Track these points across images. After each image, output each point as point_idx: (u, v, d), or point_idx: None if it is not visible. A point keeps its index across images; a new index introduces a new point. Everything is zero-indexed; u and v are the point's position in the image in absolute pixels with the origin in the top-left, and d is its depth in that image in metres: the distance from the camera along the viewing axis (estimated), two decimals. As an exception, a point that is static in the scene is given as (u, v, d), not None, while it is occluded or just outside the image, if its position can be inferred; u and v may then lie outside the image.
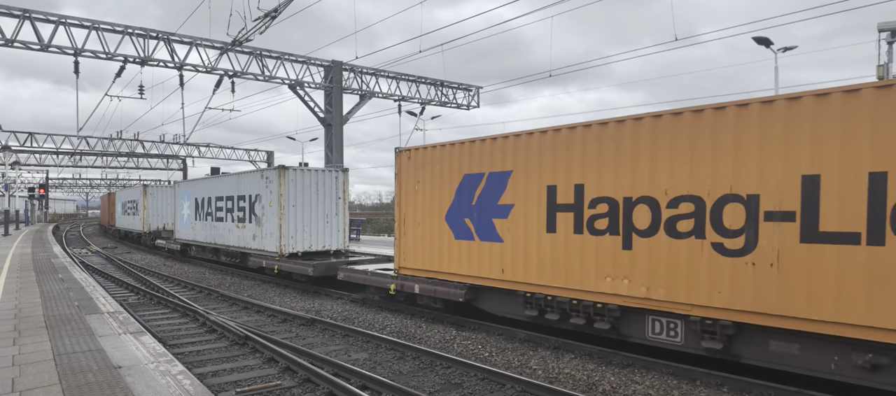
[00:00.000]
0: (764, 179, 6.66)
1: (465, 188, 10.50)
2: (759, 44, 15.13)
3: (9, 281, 12.50)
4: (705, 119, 7.13)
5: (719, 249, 7.04)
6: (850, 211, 6.09)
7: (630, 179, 7.91)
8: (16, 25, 18.57)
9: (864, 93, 5.95)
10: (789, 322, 6.50)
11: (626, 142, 7.97)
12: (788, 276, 6.49)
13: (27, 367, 5.82)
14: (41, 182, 61.42)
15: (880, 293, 5.89)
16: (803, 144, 6.37)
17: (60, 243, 31.14)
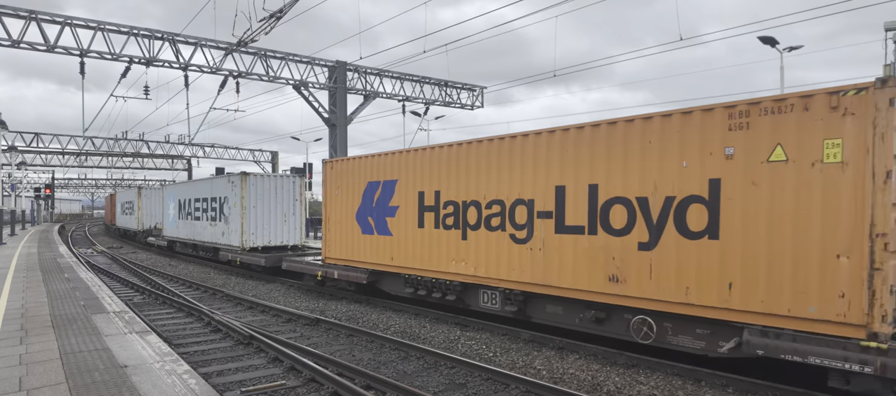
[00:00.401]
0: (536, 188, 9.28)
1: (368, 193, 13.04)
2: (765, 43, 15.07)
3: (15, 281, 12.57)
4: (505, 144, 9.87)
5: (513, 239, 9.64)
6: (579, 211, 8.65)
7: (465, 187, 10.56)
8: (22, 26, 18.67)
9: (584, 129, 8.60)
10: (551, 289, 9.07)
11: (463, 159, 10.59)
12: (549, 257, 9.06)
13: (34, 366, 5.85)
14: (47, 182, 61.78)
15: (593, 268, 8.42)
16: (554, 164, 9.00)
17: (66, 243, 31.29)
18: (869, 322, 5.93)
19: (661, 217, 7.66)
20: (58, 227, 52.26)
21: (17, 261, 17.38)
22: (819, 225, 6.30)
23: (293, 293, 15.32)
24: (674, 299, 7.48)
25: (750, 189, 6.82)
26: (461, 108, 30.57)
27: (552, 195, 9.02)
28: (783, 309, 6.52)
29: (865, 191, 6.00)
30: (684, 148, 7.41)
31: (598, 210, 8.39)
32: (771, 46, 15.24)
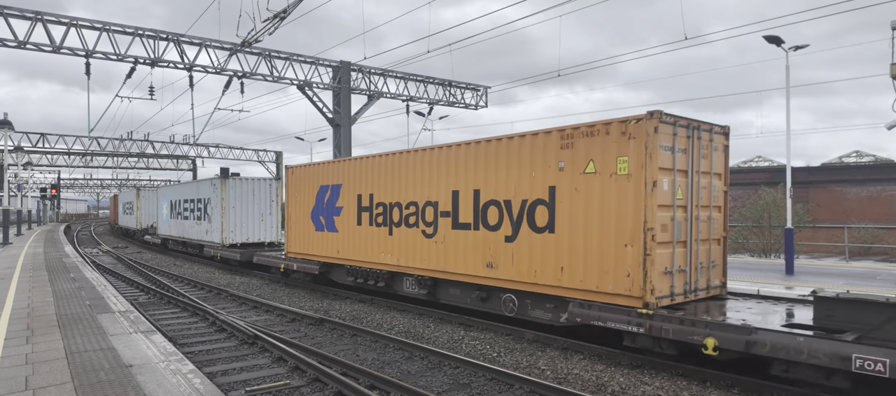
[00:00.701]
0: (440, 192, 11.12)
1: (320, 195, 14.96)
2: (771, 42, 14.99)
3: (22, 281, 12.64)
4: (418, 155, 11.77)
5: (424, 234, 11.52)
6: (468, 210, 10.51)
7: (391, 190, 12.46)
8: (28, 27, 18.76)
9: (470, 145, 10.49)
10: (450, 275, 10.95)
11: (391, 166, 12.48)
12: (448, 249, 10.96)
13: (40, 365, 5.88)
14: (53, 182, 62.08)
15: (477, 257, 10.35)
16: (451, 172, 10.89)
17: (72, 243, 31.43)
18: (643, 294, 7.75)
19: (519, 215, 9.59)
20: (63, 227, 52.51)
21: (24, 261, 17.48)
22: (614, 221, 8.15)
23: (298, 293, 15.35)
24: (528, 280, 9.41)
25: (574, 194, 8.71)
26: (465, 108, 30.55)
27: (450, 198, 10.97)
28: (593, 286, 8.43)
29: (641, 196, 7.80)
30: (534, 162, 9.32)
31: (480, 210, 10.34)
32: (776, 45, 15.15)
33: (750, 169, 47.99)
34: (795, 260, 16.47)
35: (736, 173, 47.81)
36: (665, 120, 7.90)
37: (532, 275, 9.29)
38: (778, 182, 26.60)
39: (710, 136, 8.81)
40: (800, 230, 25.39)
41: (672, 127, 8.03)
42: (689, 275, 8.39)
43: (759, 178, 41.07)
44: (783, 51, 15.40)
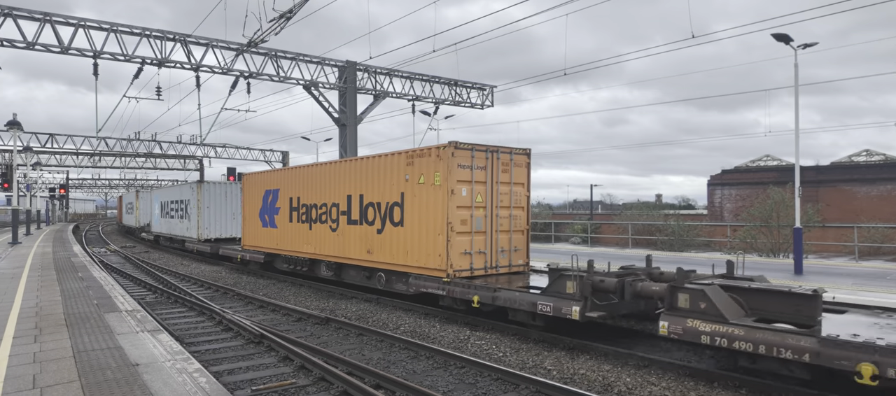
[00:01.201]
0: (340, 196, 14.30)
1: (265, 198, 18.25)
2: (779, 40, 14.86)
3: (30, 280, 12.73)
4: (329, 167, 15.02)
5: (331, 228, 14.74)
6: (356, 210, 13.70)
7: (311, 194, 15.64)
8: (37, 28, 18.89)
9: (360, 160, 13.81)
10: (347, 260, 14.16)
11: (311, 175, 15.74)
12: (345, 239, 14.18)
13: (48, 364, 5.91)
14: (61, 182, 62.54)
15: (361, 245, 13.53)
16: (347, 181, 14.06)
17: (80, 242, 31.64)
18: (447, 268, 11.05)
19: (385, 214, 12.80)
20: (72, 227, 52.88)
21: (32, 260, 17.60)
22: (434, 218, 11.33)
23: (304, 292, 15.38)
24: (390, 262, 12.69)
25: (413, 198, 11.92)
26: (471, 107, 30.51)
27: (346, 200, 14.12)
28: (423, 263, 11.62)
29: (446, 200, 11.01)
30: (393, 174, 12.52)
31: (363, 209, 13.52)
32: (785, 44, 15.02)
33: (758, 168, 47.68)
34: (804, 259, 16.34)
35: (744, 172, 47.56)
36: (461, 147, 11.13)
37: (393, 258, 12.60)
38: (786, 181, 26.41)
39: (510, 157, 11.97)
40: (809, 229, 25.21)
41: (470, 152, 11.26)
42: (488, 256, 11.63)
43: (767, 178, 40.81)
44: (791, 49, 15.27)
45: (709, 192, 49.04)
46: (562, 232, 38.97)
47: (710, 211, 49.15)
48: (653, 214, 41.88)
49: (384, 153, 12.97)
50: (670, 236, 31.25)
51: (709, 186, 48.92)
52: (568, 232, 38.76)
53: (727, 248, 28.87)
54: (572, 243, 32.77)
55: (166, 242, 31.17)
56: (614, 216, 47.45)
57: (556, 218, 45.20)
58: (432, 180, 11.28)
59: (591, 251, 22.98)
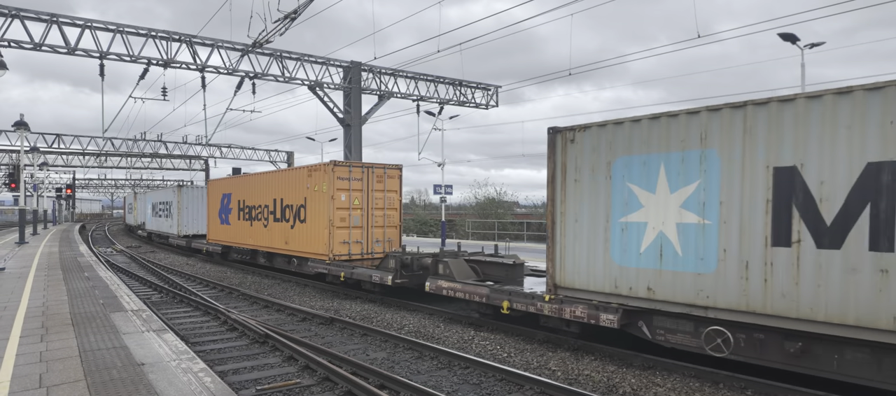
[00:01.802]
0: (269, 199, 17.87)
1: (223, 200, 22.31)
2: (786, 40, 14.78)
3: (37, 280, 12.80)
4: (262, 176, 19.23)
5: (264, 225, 18.33)
6: (279, 210, 17.42)
7: (252, 197, 19.43)
8: (44, 29, 19.00)
9: (281, 172, 18.46)
10: (273, 249, 17.93)
11: (253, 183, 19.74)
12: (273, 233, 17.72)
13: (54, 363, 5.93)
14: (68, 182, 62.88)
15: (281, 238, 17.43)
16: (274, 187, 17.83)
17: (86, 242, 31.80)
18: (328, 254, 14.68)
19: (295, 213, 16.41)
20: (78, 227, 53.17)
21: (39, 260, 17.71)
22: (322, 216, 14.92)
23: (308, 292, 15.40)
24: (299, 250, 16.25)
25: (312, 202, 15.50)
26: (476, 108, 30.49)
27: (273, 203, 17.83)
28: (316, 250, 15.24)
29: (329, 203, 14.63)
30: (301, 183, 16.08)
31: (283, 210, 17.18)
32: (791, 43, 14.94)
33: (764, 168, 47.45)
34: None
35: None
36: (340, 164, 14.83)
37: (300, 247, 16.22)
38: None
39: (383, 171, 15.63)
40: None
41: (348, 168, 14.97)
42: (364, 245, 15.35)
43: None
44: (798, 48, 15.19)
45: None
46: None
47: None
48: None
49: (296, 167, 17.86)
50: None
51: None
52: None
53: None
54: None
55: (157, 238, 35.61)
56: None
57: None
58: (322, 188, 14.97)
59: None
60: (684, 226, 7.36)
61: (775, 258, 6.51)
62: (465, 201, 54.33)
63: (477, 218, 41.69)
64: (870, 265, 5.88)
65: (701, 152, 7.19)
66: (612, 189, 8.16)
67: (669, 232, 7.51)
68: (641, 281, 7.78)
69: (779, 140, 6.52)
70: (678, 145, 7.41)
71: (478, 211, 45.04)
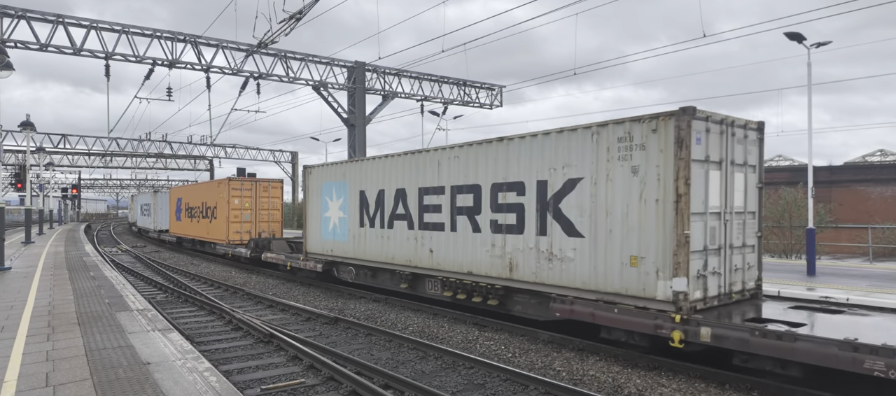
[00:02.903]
0: (200, 202, 26.45)
1: (177, 203, 30.09)
2: (792, 39, 14.70)
3: (43, 279, 12.86)
4: (198, 186, 28.72)
5: (197, 221, 26.67)
6: (206, 210, 25.67)
7: (191, 200, 27.60)
8: (50, 30, 19.10)
9: (208, 183, 28.29)
10: (203, 238, 26.11)
11: (194, 190, 27.70)
12: (201, 226, 25.93)
13: (60, 362, 5.96)
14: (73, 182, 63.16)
15: (222, 231, 23.29)
16: (203, 194, 26.24)
17: (92, 242, 31.93)
18: (227, 239, 22.47)
19: (213, 212, 23.50)
20: (84, 226, 53.39)
21: (45, 260, 17.79)
22: (225, 215, 22.68)
23: (312, 292, 15.42)
24: (214, 238, 23.68)
25: (220, 206, 22.61)
26: (480, 107, 30.49)
27: (201, 205, 24.59)
28: (222, 238, 22.76)
29: (228, 206, 22.47)
30: (216, 192, 23.28)
31: (205, 210, 24.35)
32: (798, 43, 14.86)
33: (770, 168, 47.26)
34: (817, 261, 16.15)
35: (754, 173, 47.05)
36: (234, 179, 22.71)
37: (213, 236, 23.21)
38: (798, 181, 26.18)
39: (269, 183, 23.40)
40: (822, 230, 24.95)
41: (240, 182, 22.66)
42: (253, 233, 22.19)
43: (779, 178, 40.40)
44: (804, 48, 15.11)
45: (719, 193, 48.64)
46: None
47: (720, 211, 48.73)
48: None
49: (213, 181, 26.44)
50: None
51: (719, 187, 48.53)
52: None
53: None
54: None
55: (143, 232, 44.71)
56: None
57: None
58: (223, 196, 22.55)
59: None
60: (340, 219, 14.81)
61: (362, 232, 13.95)
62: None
63: None
64: (403, 234, 12.58)
65: (343, 182, 14.73)
66: (321, 199, 15.65)
67: (336, 221, 15.00)
68: (330, 247, 15.38)
69: (361, 177, 14.03)
70: (339, 177, 14.92)
71: None
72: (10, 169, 44.03)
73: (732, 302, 8.27)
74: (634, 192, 7.95)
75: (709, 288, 7.83)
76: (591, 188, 8.53)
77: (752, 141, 8.62)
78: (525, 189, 9.62)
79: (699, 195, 7.63)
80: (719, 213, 8.04)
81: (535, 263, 9.38)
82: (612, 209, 8.24)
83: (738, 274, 8.45)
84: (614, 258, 8.19)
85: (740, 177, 8.40)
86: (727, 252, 8.16)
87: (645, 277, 7.81)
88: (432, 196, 11.69)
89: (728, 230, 8.17)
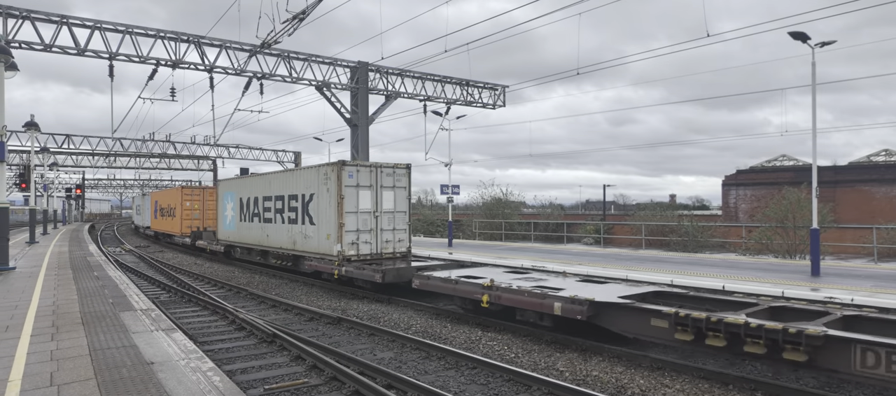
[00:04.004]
0: (167, 204, 35.31)
1: (155, 204, 39.67)
2: (796, 38, 14.63)
3: (47, 279, 12.90)
4: (165, 191, 38.52)
5: (168, 218, 34.73)
6: (172, 210, 33.64)
7: (164, 203, 35.81)
8: (54, 30, 19.15)
9: (169, 190, 38.65)
10: (170, 232, 34.29)
11: (163, 195, 36.99)
12: (166, 221, 35.31)
13: (64, 362, 5.97)
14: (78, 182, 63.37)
15: (172, 224, 34.50)
16: (170, 198, 34.75)
17: (95, 242, 32.04)
18: (181, 231, 30.36)
19: (174, 211, 31.89)
20: (88, 226, 53.57)
21: (49, 260, 17.85)
22: (181, 214, 30.52)
23: (315, 292, 15.43)
24: (173, 231, 32.04)
25: (180, 205, 30.46)
26: (483, 107, 30.46)
27: (168, 206, 33.77)
28: (178, 231, 30.73)
29: (181, 207, 30.68)
30: (175, 197, 31.57)
31: (170, 210, 33.14)
32: (802, 42, 14.78)
33: (774, 168, 47.07)
34: (821, 261, 16.10)
35: (759, 172, 46.97)
36: (187, 187, 31.74)
37: (174, 230, 31.18)
38: (802, 181, 26.08)
39: (213, 189, 29.82)
40: (826, 231, 24.85)
41: (191, 189, 31.39)
42: (201, 225, 29.81)
43: (783, 178, 40.26)
44: (809, 47, 15.05)
45: (723, 193, 48.51)
46: (574, 232, 38.78)
47: (724, 211, 48.59)
48: (666, 215, 41.64)
49: (176, 187, 32.05)
50: (684, 237, 31.05)
51: (723, 186, 48.39)
52: (580, 233, 38.57)
53: (742, 249, 28.56)
54: (585, 244, 32.60)
55: (138, 228, 51.55)
56: (627, 216, 47.11)
57: (567, 218, 44.98)
58: (179, 200, 29.25)
59: (604, 252, 22.83)
60: (232, 216, 21.96)
61: (242, 225, 21.10)
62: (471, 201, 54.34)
63: (484, 219, 41.67)
64: (258, 226, 19.80)
65: (233, 192, 21.93)
66: (223, 203, 22.77)
67: (230, 217, 22.15)
68: (227, 235, 22.52)
69: (241, 189, 21.40)
70: (232, 189, 22.13)
71: (485, 211, 45.06)
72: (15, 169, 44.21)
73: (385, 258, 15.20)
74: (330, 201, 14.89)
75: (361, 250, 14.90)
76: (317, 199, 15.59)
77: (401, 174, 15.70)
78: (299, 198, 16.65)
79: (352, 202, 14.68)
80: (371, 212, 15.06)
81: (301, 240, 16.57)
82: (323, 210, 15.25)
83: (390, 244, 15.48)
84: (323, 235, 15.27)
85: (390, 193, 15.42)
86: (379, 232, 15.27)
87: (331, 244, 14.82)
88: (268, 202, 18.88)
89: (379, 221, 15.25)
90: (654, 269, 14.89)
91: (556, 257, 18.79)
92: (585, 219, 47.09)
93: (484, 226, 39.06)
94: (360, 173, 14.80)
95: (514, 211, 45.48)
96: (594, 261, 17.09)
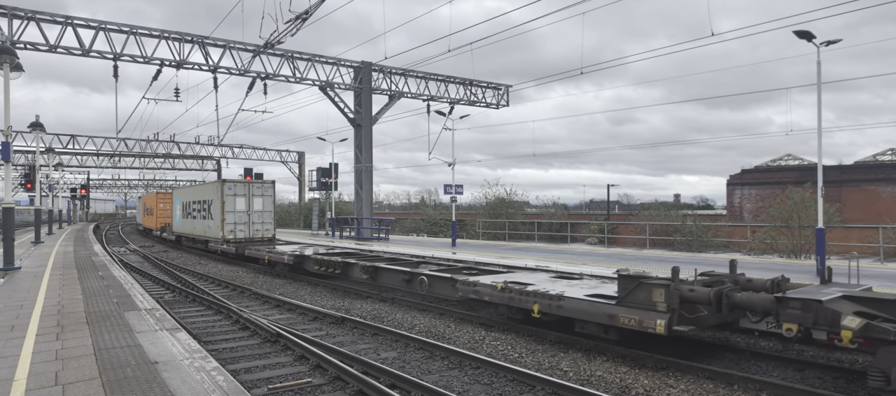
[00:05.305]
0: (153, 206, 45.22)
1: (144, 204, 50.01)
2: (801, 37, 14.56)
3: (52, 279, 12.95)
4: (151, 195, 48.33)
5: (150, 215, 46.71)
6: (156, 210, 42.66)
7: (149, 204, 46.26)
8: (58, 31, 19.23)
9: (157, 194, 45.48)
10: (152, 227, 44.19)
11: (149, 199, 47.12)
12: (150, 218, 46.03)
13: (69, 361, 5.99)
14: (82, 182, 63.64)
15: (151, 221, 45.54)
16: (152, 201, 45.55)
17: (100, 241, 32.16)
18: (157, 227, 39.52)
19: (151, 212, 44.41)
20: (92, 226, 53.79)
21: (54, 259, 17.93)
22: (157, 213, 40.46)
23: (319, 292, 15.45)
24: (151, 227, 42.87)
25: (155, 209, 41.14)
26: (486, 107, 30.45)
27: (154, 206, 43.07)
28: (153, 225, 41.40)
29: (157, 208, 40.79)
30: (153, 201, 42.70)
31: (149, 209, 44.46)
32: (807, 41, 14.71)
33: (779, 167, 46.91)
34: (827, 261, 16.01)
35: (764, 172, 46.81)
36: (161, 191, 44.95)
37: (151, 225, 41.15)
38: (808, 181, 25.99)
39: (165, 193, 41.21)
40: (831, 230, 24.75)
41: (155, 194, 42.39)
42: (154, 225, 41.57)
43: (788, 177, 40.11)
44: (814, 46, 14.97)
45: (728, 192, 48.38)
46: (578, 232, 38.72)
47: (729, 211, 48.46)
48: (671, 214, 41.54)
49: (155, 192, 44.59)
50: (688, 236, 30.96)
51: (728, 186, 48.26)
52: (584, 233, 38.51)
53: (747, 249, 28.46)
54: (588, 243, 32.54)
55: (137, 225, 57.05)
56: (632, 216, 47.01)
57: (571, 218, 44.92)
58: (155, 202, 39.69)
59: (608, 251, 22.80)
60: (181, 215, 30.45)
61: (184, 221, 29.59)
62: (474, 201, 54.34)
63: (487, 218, 41.66)
64: (195, 221, 27.41)
65: (179, 197, 31.67)
66: (175, 204, 32.15)
67: (177, 216, 31.62)
68: (178, 228, 31.12)
69: (182, 195, 31.08)
70: (179, 195, 32.15)
71: (488, 211, 45.05)
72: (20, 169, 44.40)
73: (255, 242, 22.60)
74: (219, 205, 22.26)
75: (238, 236, 22.63)
76: (215, 203, 22.87)
77: (268, 187, 23.64)
78: (210, 203, 23.71)
79: (230, 205, 22.56)
80: (245, 211, 22.93)
81: (209, 230, 23.81)
82: (216, 211, 22.75)
83: (259, 232, 23.17)
84: (217, 226, 22.62)
85: (260, 200, 23.23)
86: (250, 224, 23.00)
87: (221, 231, 22.42)
88: (195, 205, 26.63)
89: (251, 217, 23.02)
90: (658, 269, 14.85)
91: (560, 257, 18.76)
92: (589, 219, 47.01)
93: (487, 226, 39.05)
94: (237, 186, 23.04)
95: (518, 211, 45.45)
96: (598, 261, 17.05)
